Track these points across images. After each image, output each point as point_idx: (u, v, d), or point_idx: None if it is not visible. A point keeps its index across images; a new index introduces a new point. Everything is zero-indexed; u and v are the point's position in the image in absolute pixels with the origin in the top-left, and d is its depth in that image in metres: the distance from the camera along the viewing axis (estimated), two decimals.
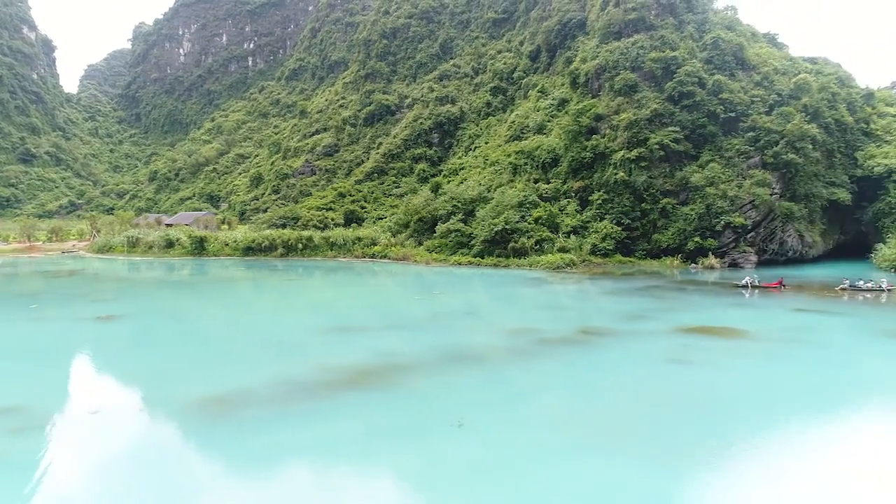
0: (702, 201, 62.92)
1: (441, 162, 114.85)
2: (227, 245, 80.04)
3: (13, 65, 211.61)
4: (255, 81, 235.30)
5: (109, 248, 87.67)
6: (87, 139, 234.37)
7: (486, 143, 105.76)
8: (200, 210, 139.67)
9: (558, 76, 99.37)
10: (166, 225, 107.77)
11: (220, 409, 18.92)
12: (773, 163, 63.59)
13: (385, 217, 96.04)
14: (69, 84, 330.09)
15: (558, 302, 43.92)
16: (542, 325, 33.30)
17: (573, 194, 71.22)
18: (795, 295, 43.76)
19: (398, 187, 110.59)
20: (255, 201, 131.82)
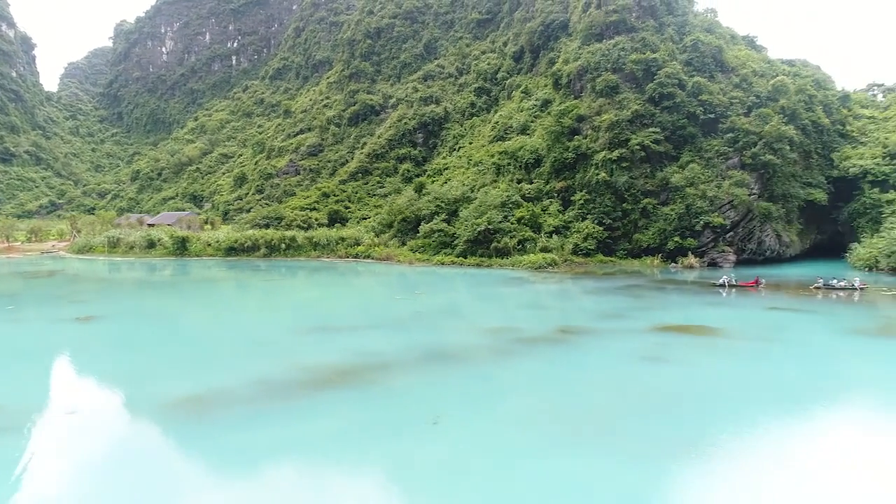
0: (682, 201, 63.73)
1: (425, 162, 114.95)
2: (209, 245, 79.59)
3: None
4: (238, 81, 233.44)
5: (90, 248, 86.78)
6: (68, 138, 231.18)
7: (470, 143, 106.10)
8: (183, 210, 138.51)
9: (541, 77, 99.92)
10: (148, 225, 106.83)
11: (196, 409, 18.99)
12: (752, 163, 64.58)
13: (369, 217, 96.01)
14: (49, 82, 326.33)
15: (539, 301, 44.32)
16: (521, 324, 33.64)
17: (555, 194, 71.77)
18: (771, 294, 44.56)
19: (382, 187, 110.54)
20: (238, 201, 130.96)
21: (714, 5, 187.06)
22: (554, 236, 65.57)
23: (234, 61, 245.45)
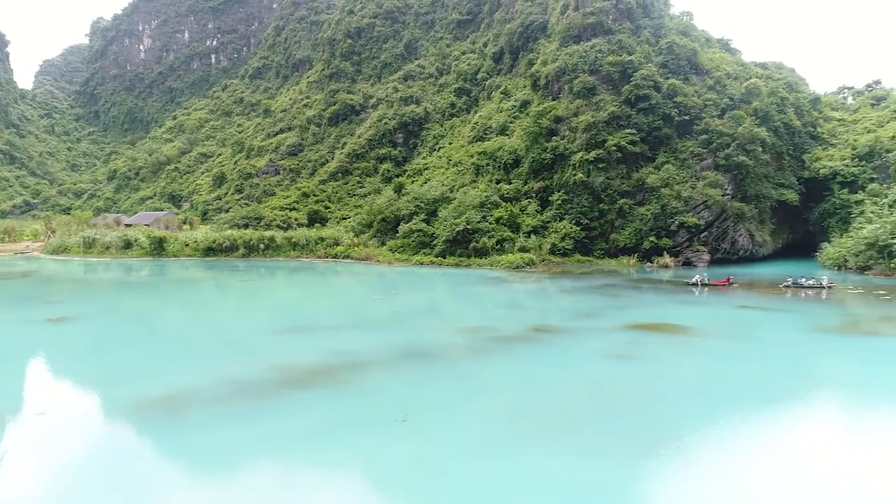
0: (657, 202, 64.67)
1: (406, 162, 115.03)
2: (187, 245, 79.01)
3: None
4: (218, 79, 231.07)
5: (65, 248, 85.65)
6: (43, 137, 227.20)
7: (450, 143, 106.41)
8: (161, 210, 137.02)
9: (521, 78, 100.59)
10: (126, 225, 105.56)
11: (169, 409, 19.03)
12: (725, 164, 65.77)
13: (349, 217, 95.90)
14: (23, 80, 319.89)
15: (516, 301, 44.77)
16: (498, 324, 33.98)
17: (534, 195, 72.37)
18: (742, 292, 45.46)
19: (362, 187, 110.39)
20: (217, 201, 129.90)
21: (690, 8, 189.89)
22: (532, 236, 66.14)
23: (213, 60, 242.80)
